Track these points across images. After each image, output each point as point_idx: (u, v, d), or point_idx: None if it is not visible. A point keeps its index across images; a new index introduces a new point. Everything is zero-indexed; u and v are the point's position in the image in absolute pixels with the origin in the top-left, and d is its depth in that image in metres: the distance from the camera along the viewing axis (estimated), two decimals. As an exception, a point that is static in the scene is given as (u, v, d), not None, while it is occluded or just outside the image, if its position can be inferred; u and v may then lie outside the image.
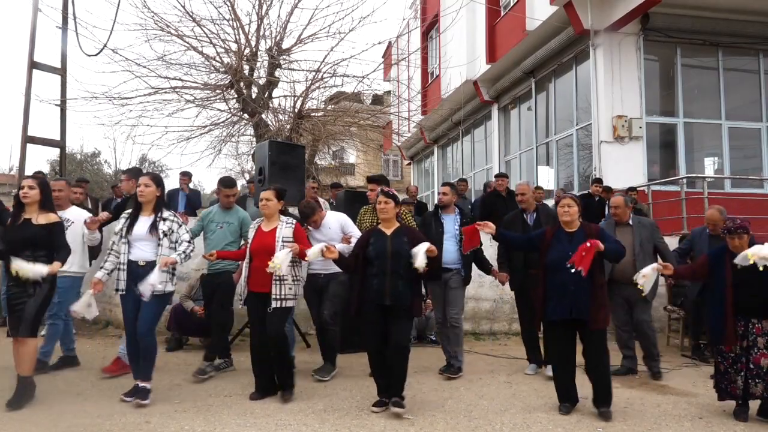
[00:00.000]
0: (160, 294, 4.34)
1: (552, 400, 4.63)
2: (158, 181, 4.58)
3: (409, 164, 23.65)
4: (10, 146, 49.36)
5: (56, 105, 9.57)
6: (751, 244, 4.16)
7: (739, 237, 4.17)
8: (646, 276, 4.23)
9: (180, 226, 4.53)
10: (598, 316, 4.16)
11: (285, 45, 9.84)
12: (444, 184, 5.78)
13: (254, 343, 4.64)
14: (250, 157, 11.98)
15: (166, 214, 4.52)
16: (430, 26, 16.97)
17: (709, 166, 11.56)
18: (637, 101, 10.37)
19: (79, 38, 9.47)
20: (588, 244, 4.07)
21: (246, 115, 10.06)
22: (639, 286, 4.29)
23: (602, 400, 4.23)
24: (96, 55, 9.35)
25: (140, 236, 4.41)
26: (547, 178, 12.87)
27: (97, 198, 10.23)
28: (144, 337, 4.38)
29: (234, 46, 9.58)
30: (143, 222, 4.46)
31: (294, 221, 4.68)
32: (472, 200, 10.88)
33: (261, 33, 9.60)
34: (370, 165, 19.77)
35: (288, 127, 10.11)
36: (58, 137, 9.78)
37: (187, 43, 9.30)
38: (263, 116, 9.91)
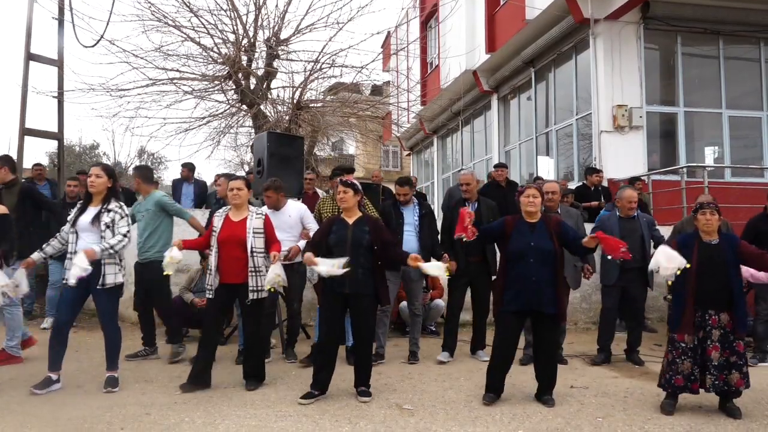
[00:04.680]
0: (111, 287, 4.43)
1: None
2: (110, 173, 4.56)
3: (409, 155, 23.59)
4: (8, 138, 49.29)
5: (54, 97, 9.52)
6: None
7: (711, 213, 4.12)
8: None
9: (122, 218, 4.49)
10: (564, 308, 4.26)
11: (283, 35, 9.79)
12: (403, 184, 5.70)
13: (208, 331, 4.66)
14: (249, 148, 11.96)
15: (112, 205, 4.48)
16: (429, 16, 16.86)
17: (710, 156, 11.52)
18: (638, 91, 10.32)
19: (75, 29, 9.41)
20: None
21: (244, 107, 10.02)
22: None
23: (548, 390, 4.32)
24: (93, 46, 9.29)
25: (84, 227, 4.40)
26: (547, 168, 12.84)
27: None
28: (108, 329, 4.55)
29: (232, 37, 9.53)
30: (89, 213, 4.45)
31: (264, 213, 4.73)
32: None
33: (259, 23, 9.55)
34: (369, 156, 19.75)
35: (287, 118, 10.07)
36: (56, 129, 9.74)
37: (185, 34, 9.24)
38: (262, 107, 9.87)
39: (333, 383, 4.45)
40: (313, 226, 5.40)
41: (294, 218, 5.48)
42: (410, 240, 5.50)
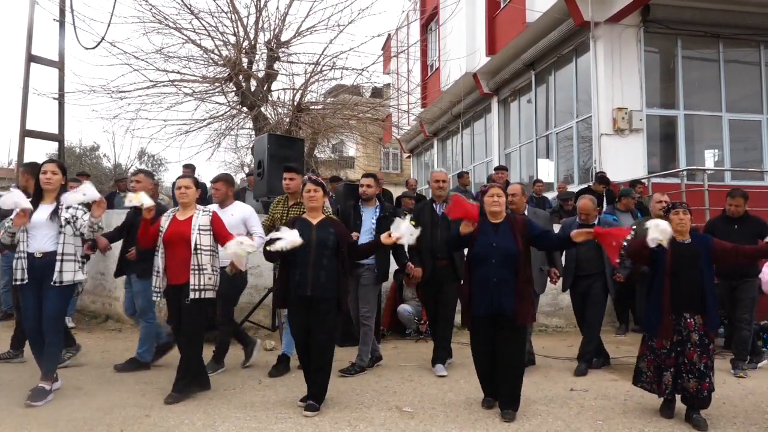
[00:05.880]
0: (69, 284, 4.22)
1: (552, 393, 4.66)
2: (64, 170, 4.42)
3: (409, 157, 23.62)
4: (9, 140, 49.32)
5: (54, 98, 9.54)
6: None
7: (684, 212, 4.05)
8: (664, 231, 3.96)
9: (85, 213, 4.29)
10: (524, 310, 4.01)
11: (284, 37, 9.81)
12: (367, 176, 5.46)
13: (177, 336, 4.50)
14: (249, 150, 11.97)
15: None
16: (429, 18, 16.90)
17: (710, 159, 11.54)
18: (638, 93, 10.34)
19: (76, 31, 9.44)
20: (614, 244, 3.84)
21: (245, 109, 10.03)
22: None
23: (510, 401, 4.04)
24: (94, 48, 9.31)
25: (39, 224, 4.18)
26: (547, 171, 12.85)
27: (96, 192, 10.20)
28: (50, 332, 4.20)
29: (232, 39, 9.55)
30: (43, 210, 4.24)
31: (211, 210, 4.53)
32: (474, 193, 10.86)
33: (260, 25, 9.56)
34: (369, 158, 19.72)
35: (287, 120, 10.08)
36: (56, 131, 9.76)
37: (186, 35, 9.27)
38: (262, 109, 9.88)
39: (332, 385, 4.45)
40: (257, 231, 5.11)
41: (236, 219, 5.11)
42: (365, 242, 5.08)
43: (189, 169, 9.85)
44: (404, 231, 4.03)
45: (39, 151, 22.70)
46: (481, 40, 13.58)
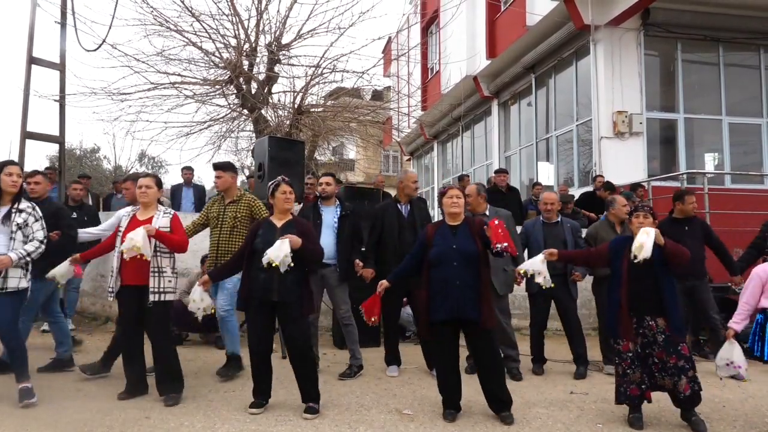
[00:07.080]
0: (14, 291, 4.07)
1: (552, 396, 4.65)
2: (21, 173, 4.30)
3: (409, 160, 23.61)
4: (9, 142, 49.28)
5: (55, 100, 9.53)
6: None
7: (645, 216, 3.99)
8: (542, 272, 4.08)
9: (36, 220, 4.20)
10: (490, 314, 3.96)
11: (284, 40, 9.82)
12: (325, 174, 5.45)
13: (125, 339, 4.39)
14: (250, 152, 11.98)
15: (23, 205, 4.20)
16: (430, 21, 16.92)
17: (710, 162, 11.54)
18: (638, 97, 10.35)
19: (77, 34, 9.44)
20: (496, 222, 3.91)
21: (245, 111, 10.04)
22: (543, 286, 4.16)
23: (501, 405, 4.03)
24: (95, 50, 9.30)
25: None
26: (547, 173, 12.86)
27: (97, 194, 10.24)
28: (7, 340, 4.14)
29: (233, 42, 9.55)
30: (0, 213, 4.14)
31: (172, 211, 4.49)
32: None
33: (260, 28, 9.57)
34: (369, 161, 19.76)
35: (287, 122, 10.09)
36: (57, 133, 9.75)
37: (186, 38, 9.28)
38: (263, 112, 9.89)
39: (333, 387, 4.46)
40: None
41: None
42: (328, 243, 5.04)
43: (189, 171, 9.87)
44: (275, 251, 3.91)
45: (40, 153, 22.75)
46: (481, 44, 13.61)
